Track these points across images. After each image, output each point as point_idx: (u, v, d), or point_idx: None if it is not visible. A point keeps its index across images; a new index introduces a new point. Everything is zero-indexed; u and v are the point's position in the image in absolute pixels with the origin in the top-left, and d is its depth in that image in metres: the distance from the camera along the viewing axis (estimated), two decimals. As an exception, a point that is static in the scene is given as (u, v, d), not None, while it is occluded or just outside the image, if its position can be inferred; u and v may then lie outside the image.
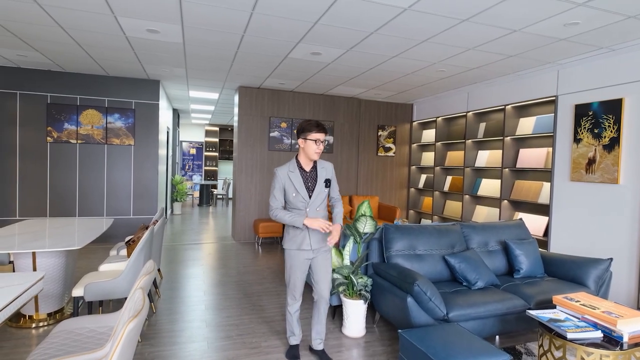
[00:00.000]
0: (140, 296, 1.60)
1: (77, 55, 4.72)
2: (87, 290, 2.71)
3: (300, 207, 2.44)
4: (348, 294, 3.01)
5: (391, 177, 7.48)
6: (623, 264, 3.77)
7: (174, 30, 3.69)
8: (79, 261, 4.69)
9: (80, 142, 5.82)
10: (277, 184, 2.44)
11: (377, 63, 4.64)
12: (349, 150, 7.10)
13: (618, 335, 2.21)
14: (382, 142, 7.33)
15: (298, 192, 2.42)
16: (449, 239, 3.42)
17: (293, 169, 2.46)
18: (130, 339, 1.40)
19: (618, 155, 3.76)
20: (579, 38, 3.56)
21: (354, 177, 7.17)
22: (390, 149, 7.41)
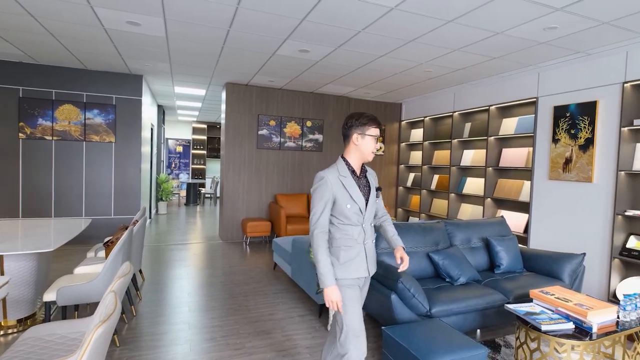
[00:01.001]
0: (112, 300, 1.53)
1: (51, 46, 4.55)
2: (60, 294, 2.60)
3: (355, 223, 1.90)
4: (334, 291, 3.09)
5: (380, 175, 7.61)
6: (596, 258, 3.96)
7: (156, 23, 3.66)
8: (53, 264, 4.60)
9: (57, 138, 5.67)
10: (327, 193, 1.84)
11: (366, 62, 4.74)
12: (338, 149, 7.20)
13: (588, 326, 2.36)
14: (370, 140, 7.43)
15: (355, 202, 1.88)
16: (433, 236, 3.55)
17: (345, 173, 1.91)
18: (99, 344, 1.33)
19: (592, 155, 3.94)
20: (557, 42, 3.72)
21: (342, 175, 7.25)
22: (380, 148, 7.53)
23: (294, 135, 6.83)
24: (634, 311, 2.56)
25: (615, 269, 3.83)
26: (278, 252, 4.55)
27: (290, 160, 6.85)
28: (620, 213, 3.76)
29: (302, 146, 6.90)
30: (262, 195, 6.68)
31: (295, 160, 6.88)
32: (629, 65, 3.74)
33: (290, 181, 6.86)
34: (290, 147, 6.81)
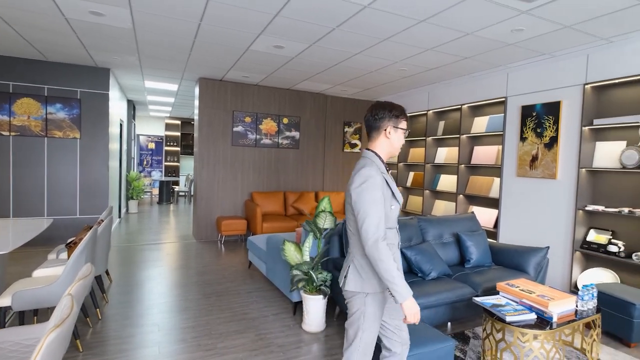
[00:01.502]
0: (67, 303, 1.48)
1: (5, 35, 4.32)
2: (16, 298, 2.47)
3: (393, 225, 1.76)
4: (308, 289, 3.15)
5: (356, 173, 7.69)
6: (559, 251, 4.18)
7: (122, 14, 3.55)
8: (11, 267, 4.42)
9: (14, 134, 5.40)
10: (378, 193, 1.64)
11: (341, 59, 4.79)
12: (315, 146, 7.24)
13: (549, 316, 2.50)
14: (348, 138, 7.53)
15: (397, 202, 1.76)
16: (406, 232, 3.65)
17: (383, 169, 1.74)
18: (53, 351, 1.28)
19: (556, 152, 4.16)
20: (524, 44, 3.88)
21: (320, 172, 7.32)
22: (357, 145, 7.63)
23: (270, 133, 6.82)
24: (590, 300, 2.73)
25: (577, 261, 4.05)
26: (253, 250, 4.55)
27: (267, 157, 6.83)
28: (581, 208, 3.99)
29: (279, 143, 6.90)
30: (238, 193, 6.64)
31: (271, 158, 6.87)
32: (590, 68, 3.95)
33: (266, 179, 6.85)
34: (267, 144, 6.80)
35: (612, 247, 3.74)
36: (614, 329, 3.12)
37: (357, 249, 1.74)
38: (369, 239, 1.58)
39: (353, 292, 1.74)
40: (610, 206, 3.91)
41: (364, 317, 1.72)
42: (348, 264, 1.79)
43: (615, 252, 3.72)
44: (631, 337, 3.00)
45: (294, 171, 7.07)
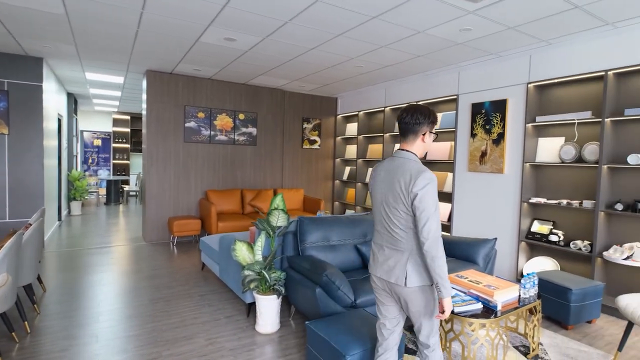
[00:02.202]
0: None
1: None
2: None
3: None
4: (261, 289, 3.11)
5: (316, 169, 7.73)
6: (507, 241, 4.45)
7: (53, -1, 3.26)
8: None
9: None
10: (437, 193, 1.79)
11: (296, 54, 4.76)
12: (273, 143, 7.17)
13: (494, 305, 2.64)
14: (307, 134, 7.53)
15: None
16: (361, 228, 3.71)
17: None
18: None
19: (503, 148, 4.41)
20: (472, 43, 4.06)
21: (278, 169, 7.26)
22: (315, 142, 7.65)
23: (226, 129, 6.67)
24: (532, 288, 2.92)
25: (523, 251, 4.32)
26: (205, 251, 4.44)
27: (222, 154, 6.68)
28: (525, 200, 4.25)
29: (235, 140, 6.76)
30: (191, 191, 6.44)
31: (227, 155, 6.72)
32: (532, 68, 4.21)
33: (222, 176, 6.70)
34: (222, 140, 6.64)
35: (553, 237, 4.02)
36: (554, 313, 3.36)
37: (413, 245, 1.83)
38: (431, 237, 1.72)
39: (418, 287, 1.83)
40: (551, 198, 4.20)
41: (434, 302, 1.86)
42: (404, 260, 1.85)
43: (555, 242, 4.01)
44: (568, 320, 3.25)
45: (251, 168, 6.97)
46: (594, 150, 3.76)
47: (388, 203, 1.87)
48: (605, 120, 3.59)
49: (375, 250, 2.00)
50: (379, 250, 1.97)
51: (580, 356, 2.83)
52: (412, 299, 1.85)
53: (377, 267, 1.96)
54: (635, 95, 3.56)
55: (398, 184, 1.81)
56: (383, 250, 1.94)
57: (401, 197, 1.80)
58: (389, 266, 1.89)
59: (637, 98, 3.55)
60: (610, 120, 3.63)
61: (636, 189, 3.58)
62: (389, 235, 1.90)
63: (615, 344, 3.04)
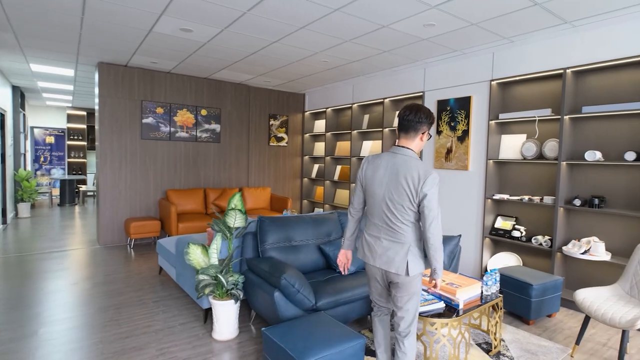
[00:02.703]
0: None
1: None
2: None
3: None
4: (217, 294, 2.97)
5: (284, 167, 7.60)
6: (472, 238, 4.50)
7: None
8: None
9: None
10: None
11: (259, 47, 4.61)
12: (239, 140, 6.98)
13: (456, 304, 2.63)
14: (274, 131, 7.38)
15: None
16: (325, 227, 3.63)
17: None
18: None
19: (468, 145, 4.45)
20: (437, 39, 4.07)
21: (244, 167, 7.08)
22: (283, 139, 7.51)
23: (187, 125, 6.42)
24: (494, 285, 2.94)
25: (487, 247, 4.38)
26: (162, 254, 4.23)
27: (184, 152, 6.42)
28: (489, 197, 4.31)
29: (197, 137, 6.52)
30: (150, 191, 6.15)
31: (189, 152, 6.47)
32: (495, 65, 4.27)
33: (184, 175, 6.44)
34: (183, 137, 6.39)
35: (516, 233, 4.10)
36: (515, 308, 3.41)
37: (413, 238, 2.01)
38: (437, 233, 1.92)
39: (416, 275, 2.02)
40: (514, 194, 4.28)
41: (420, 290, 2.10)
42: (405, 252, 2.00)
43: (518, 237, 4.08)
44: (530, 315, 3.30)
45: (215, 166, 6.75)
46: (553, 147, 3.85)
47: (392, 199, 1.98)
48: (564, 117, 3.68)
49: (370, 242, 2.11)
50: (376, 242, 2.08)
51: (540, 351, 2.87)
52: (407, 286, 2.04)
53: (375, 258, 2.08)
54: (592, 93, 3.67)
55: (405, 180, 1.94)
56: (381, 242, 2.06)
57: (407, 195, 1.94)
58: (389, 257, 2.02)
59: (593, 96, 3.66)
60: (569, 117, 3.73)
61: (593, 185, 3.69)
62: (389, 229, 2.02)
63: (574, 337, 3.12)
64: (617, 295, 2.84)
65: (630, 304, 2.70)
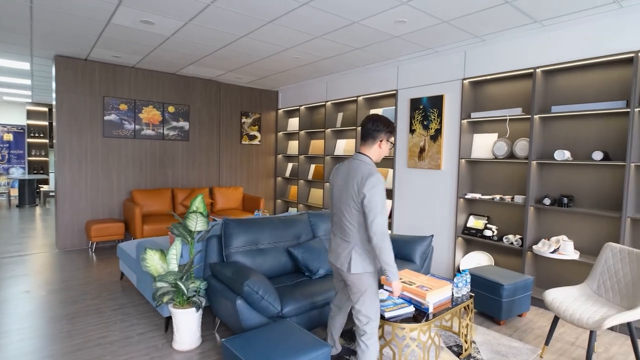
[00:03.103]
0: None
1: None
2: None
3: None
4: (178, 302, 2.81)
5: (257, 166, 7.43)
6: (445, 237, 4.49)
7: None
8: None
9: None
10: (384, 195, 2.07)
11: (226, 42, 4.45)
12: (209, 138, 6.76)
13: (426, 307, 2.57)
14: (246, 129, 7.20)
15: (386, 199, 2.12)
16: (295, 229, 3.51)
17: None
18: None
19: (441, 144, 4.43)
20: (409, 37, 4.01)
21: (215, 166, 6.87)
22: (256, 137, 7.34)
23: (153, 122, 6.16)
24: (464, 287, 2.90)
25: (459, 246, 4.38)
26: (123, 258, 4.01)
27: (150, 150, 6.16)
28: (462, 196, 4.30)
29: (164, 135, 6.27)
30: (114, 191, 5.87)
31: (155, 151, 6.22)
32: (467, 64, 4.26)
33: (150, 175, 6.19)
34: (149, 135, 6.13)
35: (488, 232, 4.10)
36: (487, 308, 3.40)
37: (358, 238, 2.15)
38: (378, 232, 2.01)
39: (360, 274, 2.15)
40: (486, 194, 4.29)
41: (372, 290, 2.19)
42: (349, 250, 2.17)
43: (490, 236, 4.09)
44: (500, 315, 3.30)
45: (184, 166, 6.52)
46: (524, 146, 3.87)
47: (342, 200, 2.18)
48: (534, 117, 3.69)
49: (331, 239, 2.35)
50: (333, 239, 2.31)
51: (510, 352, 2.85)
52: (354, 283, 2.18)
53: (330, 253, 2.32)
54: (561, 92, 3.70)
55: (352, 183, 2.11)
56: (336, 239, 2.27)
57: (353, 197, 2.10)
58: (337, 253, 2.24)
59: (563, 95, 3.69)
60: (539, 117, 3.75)
61: (562, 184, 3.73)
62: (342, 228, 2.21)
63: (544, 337, 3.12)
64: (585, 295, 2.85)
65: (597, 303, 2.71)
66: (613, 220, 3.40)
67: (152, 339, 2.96)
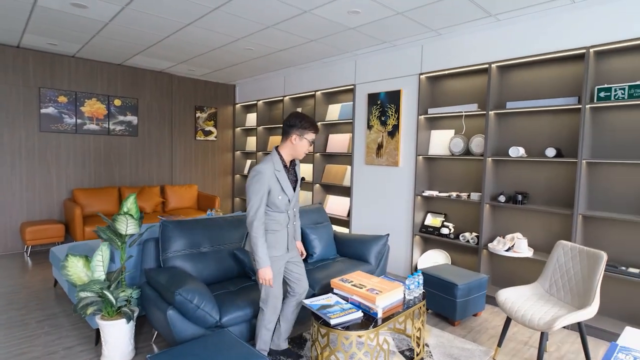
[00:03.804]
0: None
1: None
2: None
3: (282, 210, 2.35)
4: (107, 313, 2.56)
5: (213, 163, 7.14)
6: (403, 236, 4.43)
7: None
8: None
9: None
10: (264, 187, 2.21)
11: (172, 31, 4.16)
12: (160, 133, 6.41)
13: (374, 312, 2.44)
14: (201, 125, 6.89)
15: (285, 193, 2.31)
16: (242, 230, 3.32)
17: (279, 167, 2.30)
18: None
19: (398, 140, 4.36)
20: (364, 29, 3.89)
21: (167, 163, 6.53)
22: (212, 133, 7.04)
23: (97, 116, 5.75)
24: (417, 288, 2.81)
25: (417, 245, 4.33)
26: (56, 264, 3.67)
27: (94, 146, 5.76)
28: (419, 194, 4.25)
29: (110, 130, 5.88)
30: (53, 191, 5.44)
31: (100, 147, 5.81)
32: (424, 58, 4.20)
33: (94, 172, 5.78)
34: (93, 130, 5.72)
35: (444, 230, 4.07)
36: (441, 309, 3.34)
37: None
38: (248, 219, 2.23)
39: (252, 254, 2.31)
40: (443, 191, 4.25)
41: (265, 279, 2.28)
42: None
43: (446, 234, 4.05)
44: (455, 316, 3.24)
45: (133, 163, 6.15)
46: (479, 143, 3.85)
47: None
48: (489, 113, 3.67)
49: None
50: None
51: (463, 355, 2.80)
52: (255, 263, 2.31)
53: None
54: (516, 88, 3.70)
55: None
56: None
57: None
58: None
59: (518, 91, 3.69)
60: (494, 113, 3.73)
61: (517, 181, 3.74)
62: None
63: (498, 337, 3.09)
64: (537, 294, 2.82)
65: (549, 303, 2.69)
66: (565, 218, 3.43)
67: (79, 353, 2.69)
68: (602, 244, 3.23)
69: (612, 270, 3.03)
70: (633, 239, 3.08)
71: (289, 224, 2.40)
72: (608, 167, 3.20)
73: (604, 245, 3.21)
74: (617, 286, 3.17)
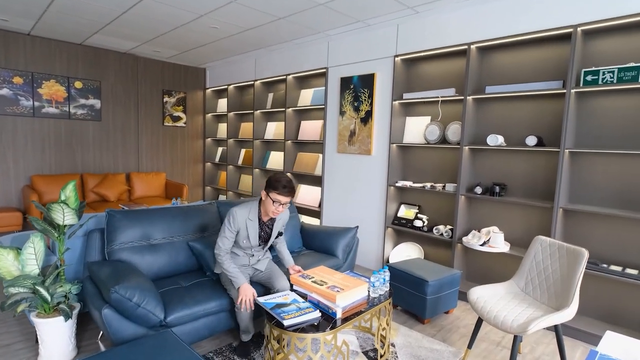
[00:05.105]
0: None
1: None
2: None
3: (245, 253, 2.65)
4: (42, 311, 2.38)
5: (183, 150, 6.91)
6: (374, 228, 4.32)
7: None
8: None
9: None
10: (233, 227, 2.50)
11: (127, 6, 3.92)
12: (126, 118, 6.15)
13: (333, 312, 2.29)
14: (169, 110, 6.64)
15: (250, 242, 2.58)
16: (200, 220, 3.15)
17: (252, 217, 2.55)
18: None
19: (371, 128, 4.22)
20: (335, 5, 3.69)
21: (133, 150, 6.28)
22: (180, 119, 6.80)
23: (57, 99, 5.47)
24: (382, 286, 2.68)
25: (389, 237, 4.22)
26: (-2, 259, 3.45)
27: (54, 131, 5.48)
28: (392, 184, 4.12)
29: (71, 113, 5.60)
30: (11, 177, 5.18)
31: (60, 131, 5.54)
32: (400, 39, 4.04)
33: (54, 158, 5.52)
34: (52, 114, 5.44)
35: (418, 222, 3.96)
36: (410, 306, 3.24)
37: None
38: (215, 250, 2.53)
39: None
40: (417, 181, 4.14)
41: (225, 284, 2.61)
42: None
43: (420, 227, 3.95)
44: (424, 314, 3.14)
45: (96, 148, 5.89)
46: (456, 131, 3.73)
47: None
48: (467, 98, 3.53)
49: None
50: None
51: (431, 356, 2.69)
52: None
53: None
54: (497, 72, 3.55)
55: None
56: None
57: None
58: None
59: (498, 75, 3.55)
60: (472, 98, 3.59)
61: (495, 172, 3.62)
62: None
63: (469, 336, 3.00)
64: (512, 293, 2.70)
65: (524, 302, 2.56)
66: (545, 211, 3.33)
67: (16, 352, 2.52)
68: (583, 239, 3.13)
69: (592, 268, 2.93)
70: (615, 235, 2.99)
71: (249, 267, 2.69)
72: (592, 157, 3.09)
73: (585, 241, 3.11)
74: (597, 284, 3.09)
